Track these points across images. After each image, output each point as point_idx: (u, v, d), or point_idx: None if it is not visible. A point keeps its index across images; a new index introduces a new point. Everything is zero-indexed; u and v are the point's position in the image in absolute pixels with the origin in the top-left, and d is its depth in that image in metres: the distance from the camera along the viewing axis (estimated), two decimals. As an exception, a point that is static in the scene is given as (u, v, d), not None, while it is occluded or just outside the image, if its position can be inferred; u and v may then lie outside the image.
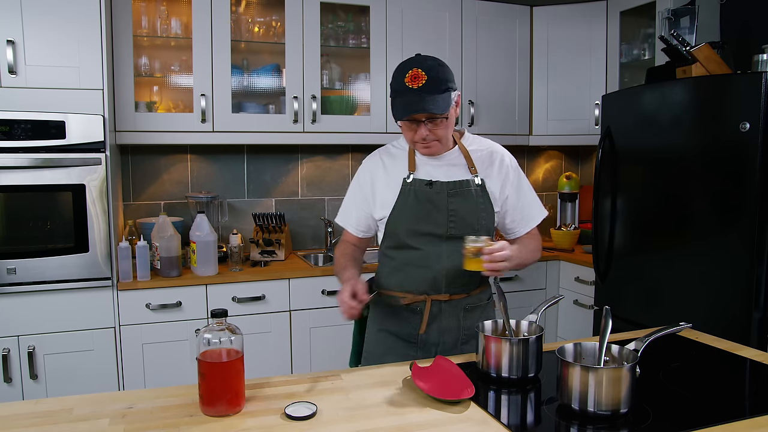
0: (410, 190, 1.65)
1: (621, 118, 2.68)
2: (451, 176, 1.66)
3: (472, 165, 1.68)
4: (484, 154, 1.72)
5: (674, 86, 2.42)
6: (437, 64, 1.56)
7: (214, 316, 1.20)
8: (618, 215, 2.71)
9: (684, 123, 2.37)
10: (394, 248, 1.69)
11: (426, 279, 1.65)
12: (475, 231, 1.63)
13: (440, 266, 1.64)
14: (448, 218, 1.63)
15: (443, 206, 1.63)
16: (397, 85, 1.56)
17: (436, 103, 1.53)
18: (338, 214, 1.81)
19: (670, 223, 2.44)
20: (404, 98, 1.54)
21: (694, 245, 2.34)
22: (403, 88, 1.54)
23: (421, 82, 1.52)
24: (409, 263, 1.66)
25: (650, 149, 2.52)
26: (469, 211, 1.64)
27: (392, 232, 1.68)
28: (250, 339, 2.54)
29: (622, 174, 2.69)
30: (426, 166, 1.68)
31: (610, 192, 2.75)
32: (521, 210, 1.74)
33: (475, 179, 1.66)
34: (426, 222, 1.64)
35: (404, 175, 1.67)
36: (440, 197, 1.63)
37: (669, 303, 2.45)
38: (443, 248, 1.64)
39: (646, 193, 2.55)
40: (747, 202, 2.14)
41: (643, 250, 2.58)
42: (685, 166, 2.37)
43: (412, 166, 1.68)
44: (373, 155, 1.78)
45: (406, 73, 1.54)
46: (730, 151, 2.19)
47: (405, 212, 1.65)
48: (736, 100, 2.17)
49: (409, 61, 1.57)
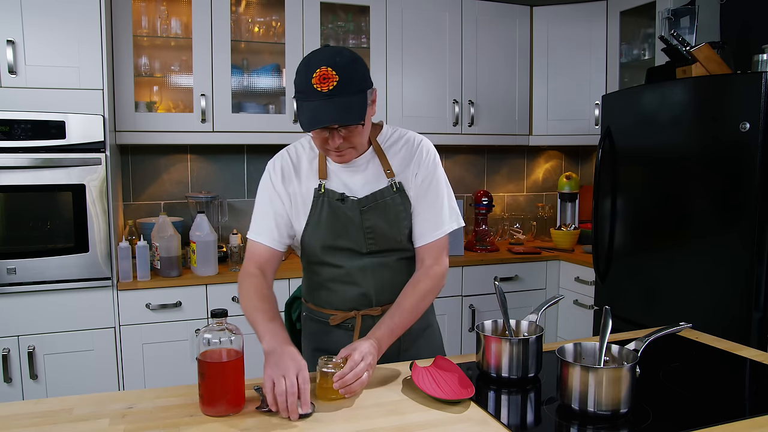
0: (323, 201, 1.47)
1: (621, 118, 2.68)
2: (366, 185, 1.48)
3: (389, 167, 1.49)
4: (401, 150, 1.51)
5: (674, 86, 2.42)
6: (350, 59, 1.31)
7: (214, 316, 1.20)
8: (618, 215, 2.71)
9: (684, 123, 2.37)
10: (315, 264, 1.53)
11: (353, 296, 1.51)
12: (398, 243, 1.50)
13: (366, 282, 1.50)
14: (365, 236, 1.48)
15: (358, 224, 1.47)
16: (303, 86, 1.31)
17: (351, 110, 1.31)
18: (250, 229, 1.51)
19: (670, 223, 2.44)
20: (312, 104, 1.29)
21: (694, 245, 2.34)
22: (309, 90, 1.29)
23: (331, 84, 1.27)
24: (334, 280, 1.51)
25: (650, 149, 2.52)
26: (389, 225, 1.48)
27: (309, 248, 1.50)
28: (250, 339, 2.54)
29: (622, 174, 2.69)
30: (339, 174, 1.49)
31: (610, 192, 2.75)
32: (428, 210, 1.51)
33: (393, 184, 1.48)
34: (344, 238, 1.48)
35: (315, 184, 1.48)
36: (354, 213, 1.46)
37: (669, 303, 2.45)
38: (366, 262, 1.49)
39: (646, 193, 2.55)
40: (747, 202, 2.14)
41: (643, 250, 2.58)
42: (685, 166, 2.37)
43: (323, 173, 1.48)
44: (280, 156, 1.54)
45: (313, 72, 1.28)
46: (730, 151, 2.19)
47: (320, 227, 1.47)
48: (736, 100, 2.17)
49: (316, 57, 1.31)
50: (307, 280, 1.60)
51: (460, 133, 3.28)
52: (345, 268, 1.49)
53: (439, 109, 3.24)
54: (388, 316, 1.43)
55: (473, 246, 3.34)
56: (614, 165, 2.71)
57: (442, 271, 1.52)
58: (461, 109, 3.26)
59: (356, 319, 1.52)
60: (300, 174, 1.51)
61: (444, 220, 1.52)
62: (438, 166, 1.54)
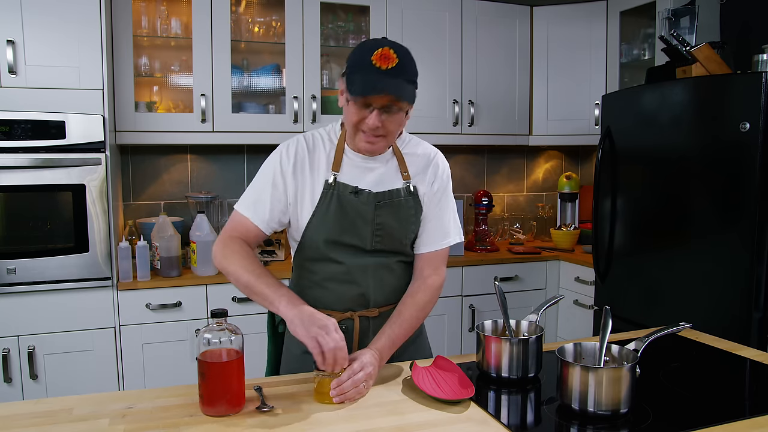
0: (333, 194, 1.43)
1: (621, 118, 2.68)
2: (381, 183, 1.46)
3: (406, 170, 1.49)
4: (419, 158, 1.53)
5: (674, 86, 2.42)
6: (409, 52, 1.36)
7: (214, 316, 1.20)
8: (618, 215, 2.71)
9: (684, 123, 2.37)
10: (313, 260, 1.48)
11: (351, 296, 1.48)
12: (402, 246, 1.50)
13: (366, 281, 1.47)
14: (373, 232, 1.45)
15: (369, 219, 1.44)
16: (360, 61, 1.31)
17: (405, 89, 1.33)
18: (242, 201, 1.50)
19: (670, 223, 2.44)
20: (368, 76, 1.30)
21: (694, 245, 2.34)
22: (367, 66, 1.30)
23: (392, 63, 1.30)
24: (332, 278, 1.47)
25: (650, 149, 2.52)
26: (399, 224, 1.47)
27: (311, 242, 1.46)
28: (250, 339, 2.54)
29: (622, 174, 2.69)
30: (353, 168, 1.46)
31: (610, 192, 2.75)
32: (436, 219, 1.53)
33: (408, 186, 1.49)
34: (350, 234, 1.44)
35: (326, 175, 1.45)
36: (367, 209, 1.43)
37: (669, 303, 2.45)
38: (368, 261, 1.47)
39: (646, 193, 2.55)
40: (747, 202, 2.14)
41: (643, 250, 2.58)
42: (685, 166, 2.37)
43: (337, 165, 1.45)
44: (296, 142, 1.49)
45: (374, 50, 1.30)
46: (730, 151, 2.19)
47: (327, 220, 1.43)
48: (736, 100, 2.17)
49: (377, 41, 1.34)
50: (299, 279, 1.54)
51: (460, 133, 3.28)
52: (345, 266, 1.46)
53: (439, 109, 3.24)
54: (388, 326, 1.42)
55: (473, 246, 3.34)
56: (614, 165, 2.71)
57: (440, 282, 1.53)
58: (461, 109, 3.26)
59: (353, 320, 1.49)
60: (312, 164, 1.46)
61: (449, 231, 1.54)
62: (450, 180, 1.57)
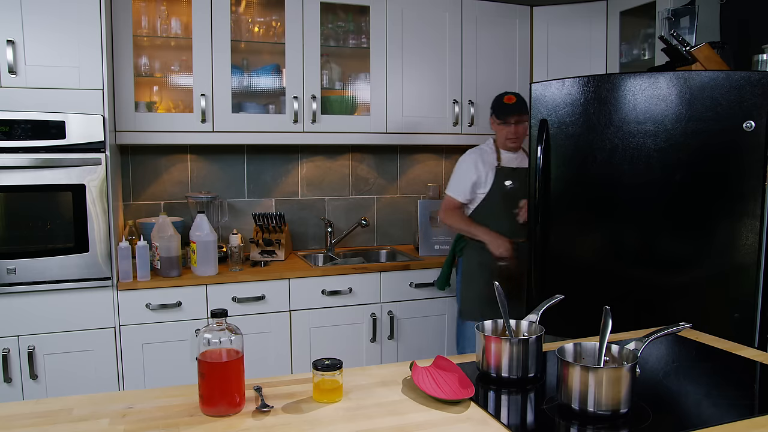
0: (500, 171, 2.75)
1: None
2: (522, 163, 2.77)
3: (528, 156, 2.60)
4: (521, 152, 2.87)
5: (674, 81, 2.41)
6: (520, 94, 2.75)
7: (214, 316, 1.20)
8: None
9: (684, 120, 2.36)
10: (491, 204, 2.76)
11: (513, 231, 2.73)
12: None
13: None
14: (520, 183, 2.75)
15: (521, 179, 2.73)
16: (498, 105, 2.75)
17: (526, 111, 2.60)
18: (450, 187, 2.81)
19: (670, 223, 2.44)
20: (507, 109, 2.70)
21: (694, 245, 2.34)
22: (503, 104, 2.72)
23: (514, 100, 2.72)
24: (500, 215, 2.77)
25: (650, 149, 2.51)
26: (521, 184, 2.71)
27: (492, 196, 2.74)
28: (250, 339, 2.54)
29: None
30: (507, 159, 2.78)
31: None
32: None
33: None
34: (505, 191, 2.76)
35: (495, 164, 2.76)
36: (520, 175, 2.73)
37: (669, 303, 2.45)
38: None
39: (646, 192, 2.54)
40: (747, 201, 2.14)
41: (643, 250, 2.57)
42: (685, 166, 2.36)
43: (499, 158, 2.78)
44: (477, 150, 2.82)
45: (504, 96, 2.74)
46: (731, 151, 2.19)
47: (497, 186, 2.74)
48: (737, 98, 2.17)
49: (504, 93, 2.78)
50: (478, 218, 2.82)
51: (460, 133, 3.28)
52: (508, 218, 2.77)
53: (439, 109, 3.24)
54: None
55: (473, 246, 3.35)
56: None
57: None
58: (461, 109, 3.26)
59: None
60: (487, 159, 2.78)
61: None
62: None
